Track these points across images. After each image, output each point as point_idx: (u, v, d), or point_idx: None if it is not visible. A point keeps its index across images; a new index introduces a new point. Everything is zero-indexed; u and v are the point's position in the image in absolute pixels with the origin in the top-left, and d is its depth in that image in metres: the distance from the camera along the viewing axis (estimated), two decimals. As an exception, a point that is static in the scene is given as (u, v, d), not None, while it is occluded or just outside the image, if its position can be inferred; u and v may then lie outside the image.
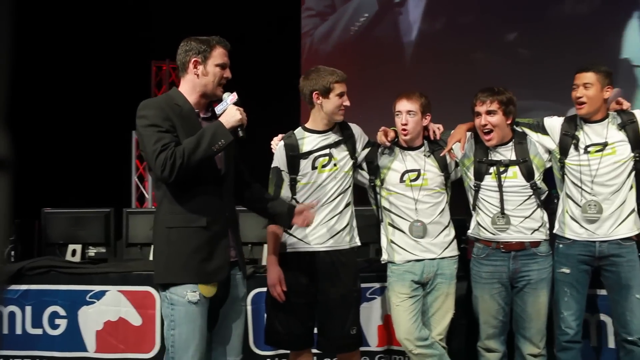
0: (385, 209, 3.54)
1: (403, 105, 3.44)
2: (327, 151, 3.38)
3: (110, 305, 4.04)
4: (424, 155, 3.52)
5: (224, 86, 2.90)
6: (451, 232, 3.55)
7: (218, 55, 2.87)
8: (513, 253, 3.44)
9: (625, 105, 3.47)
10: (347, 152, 3.44)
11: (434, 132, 3.54)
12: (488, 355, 3.55)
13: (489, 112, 3.39)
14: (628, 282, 3.38)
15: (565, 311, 3.47)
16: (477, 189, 3.49)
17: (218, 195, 2.87)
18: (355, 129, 3.52)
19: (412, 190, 3.46)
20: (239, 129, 2.80)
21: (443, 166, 3.52)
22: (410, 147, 3.53)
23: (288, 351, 3.60)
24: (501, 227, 3.43)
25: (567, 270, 3.45)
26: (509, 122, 3.45)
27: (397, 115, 3.47)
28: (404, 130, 3.45)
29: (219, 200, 2.87)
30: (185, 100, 2.86)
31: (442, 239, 3.50)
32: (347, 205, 3.42)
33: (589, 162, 3.40)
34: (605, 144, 3.40)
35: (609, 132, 3.42)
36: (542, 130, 3.51)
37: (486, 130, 3.42)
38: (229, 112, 2.80)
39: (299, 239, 3.36)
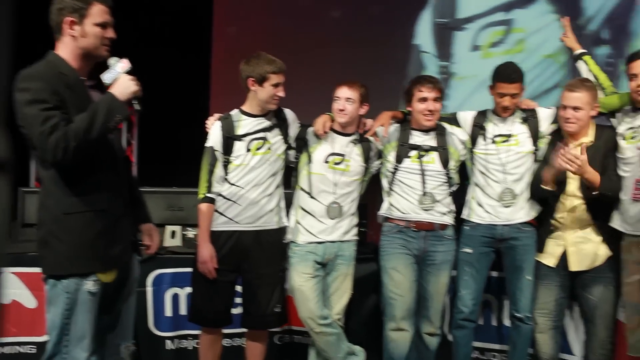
0: (302, 189, 3.62)
1: (343, 92, 3.55)
2: (262, 135, 3.47)
3: (3, 287, 3.90)
4: (352, 142, 3.63)
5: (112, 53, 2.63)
6: (355, 219, 3.69)
7: (97, 13, 2.55)
8: (423, 233, 3.61)
9: (532, 105, 3.73)
10: (280, 137, 3.54)
11: (364, 124, 3.67)
12: (399, 336, 3.62)
13: (435, 99, 3.57)
14: (521, 264, 3.62)
15: (463, 289, 3.68)
16: (395, 171, 3.64)
17: (115, 173, 2.67)
18: (290, 114, 3.62)
19: (334, 173, 3.57)
20: (133, 101, 2.57)
21: (366, 158, 3.66)
22: (341, 133, 3.63)
23: (189, 331, 3.59)
24: (428, 206, 3.59)
25: (470, 250, 3.68)
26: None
27: (336, 100, 3.57)
28: (342, 111, 3.55)
29: (117, 178, 2.67)
30: (70, 68, 2.55)
31: (347, 223, 3.64)
32: (277, 187, 3.54)
33: (495, 151, 3.64)
34: (509, 135, 3.64)
35: (514, 125, 3.67)
36: (456, 122, 3.76)
37: (428, 114, 3.58)
38: (122, 82, 2.53)
39: (228, 218, 3.45)
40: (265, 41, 6.08)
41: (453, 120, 3.76)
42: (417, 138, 3.65)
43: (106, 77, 2.58)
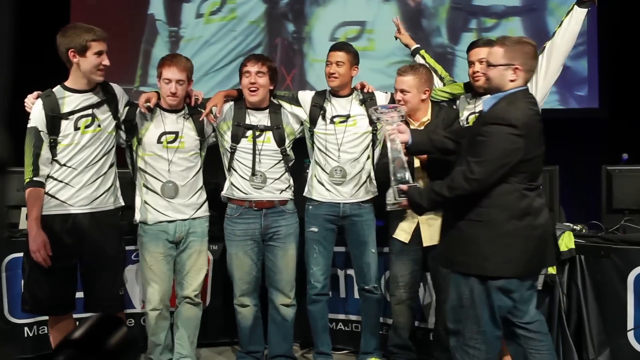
0: (140, 169, 3.62)
1: (171, 73, 3.55)
2: (89, 112, 3.32)
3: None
4: (183, 117, 3.64)
5: None
6: (203, 194, 3.73)
7: None
8: (264, 210, 3.72)
9: (369, 88, 3.87)
10: (109, 113, 3.41)
11: (195, 97, 3.68)
12: (243, 311, 3.81)
13: (258, 73, 3.65)
14: (365, 239, 3.80)
15: (314, 266, 3.82)
16: (233, 150, 3.70)
17: None
18: (117, 88, 3.51)
19: (168, 152, 3.56)
20: None
21: (200, 130, 3.67)
22: (170, 110, 3.62)
23: (47, 317, 3.54)
24: (257, 184, 3.68)
25: (315, 229, 3.80)
26: (271, 87, 3.75)
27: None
28: (172, 95, 3.54)
29: None
30: None
31: (195, 200, 3.66)
32: (110, 166, 3.42)
33: (334, 131, 3.74)
34: (348, 116, 3.76)
35: (352, 106, 3.79)
36: (296, 102, 3.83)
37: (253, 89, 3.65)
38: None
39: (61, 201, 3.28)
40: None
41: (294, 100, 3.84)
42: (252, 118, 3.72)
43: None
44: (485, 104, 3.04)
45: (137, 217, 3.64)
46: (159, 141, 3.56)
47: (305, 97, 3.84)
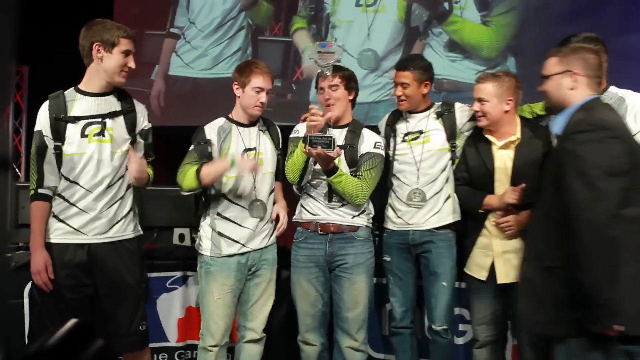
0: (214, 195, 3.29)
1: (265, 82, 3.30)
2: (99, 119, 2.98)
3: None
4: (260, 131, 3.36)
5: None
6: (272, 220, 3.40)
7: None
8: (330, 235, 3.35)
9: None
10: (125, 127, 3.06)
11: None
12: (307, 350, 3.42)
13: (331, 87, 3.34)
14: (436, 269, 3.39)
15: (391, 297, 3.51)
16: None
17: None
18: (140, 107, 3.17)
19: (250, 173, 3.26)
20: None
21: (277, 144, 3.41)
22: (247, 124, 3.35)
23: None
24: (334, 204, 3.33)
25: (388, 258, 3.49)
26: (350, 97, 3.42)
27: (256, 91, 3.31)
28: (261, 106, 3.32)
29: None
30: None
31: (270, 225, 3.36)
32: (128, 188, 3.08)
33: (406, 150, 3.42)
34: (420, 132, 3.42)
35: (427, 121, 3.44)
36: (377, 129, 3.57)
37: (328, 105, 3.35)
38: None
39: (75, 228, 2.95)
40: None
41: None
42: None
43: None
44: (555, 126, 2.63)
45: (206, 248, 3.27)
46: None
47: (382, 122, 3.60)
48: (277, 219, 3.37)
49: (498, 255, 3.21)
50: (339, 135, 3.34)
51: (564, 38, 3.18)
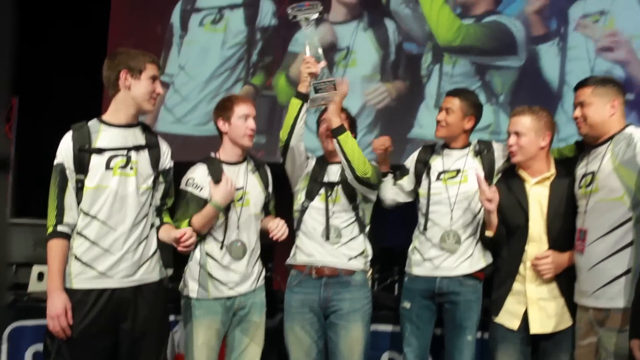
0: (209, 234, 3.14)
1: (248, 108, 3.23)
2: (124, 152, 2.81)
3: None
4: (250, 171, 3.23)
5: None
6: (260, 262, 3.25)
7: None
8: (325, 279, 3.20)
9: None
10: (149, 162, 2.88)
11: None
12: None
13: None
14: (462, 323, 3.20)
15: (406, 347, 3.30)
16: (304, 210, 3.25)
17: None
18: (164, 144, 3.00)
19: (234, 210, 3.13)
20: None
21: (266, 184, 3.27)
22: (233, 162, 3.20)
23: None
24: (334, 240, 3.22)
25: (408, 305, 3.30)
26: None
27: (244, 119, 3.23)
28: (252, 133, 3.21)
29: None
30: None
31: (258, 267, 3.21)
32: (152, 226, 2.89)
33: (440, 190, 3.27)
34: (458, 171, 3.26)
35: (465, 159, 3.29)
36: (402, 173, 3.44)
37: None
38: None
39: (99, 272, 2.73)
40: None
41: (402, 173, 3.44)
42: (327, 174, 3.31)
43: None
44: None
45: (193, 287, 3.09)
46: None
47: (411, 158, 3.43)
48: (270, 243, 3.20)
49: (533, 302, 3.01)
50: (335, 171, 3.26)
51: None
